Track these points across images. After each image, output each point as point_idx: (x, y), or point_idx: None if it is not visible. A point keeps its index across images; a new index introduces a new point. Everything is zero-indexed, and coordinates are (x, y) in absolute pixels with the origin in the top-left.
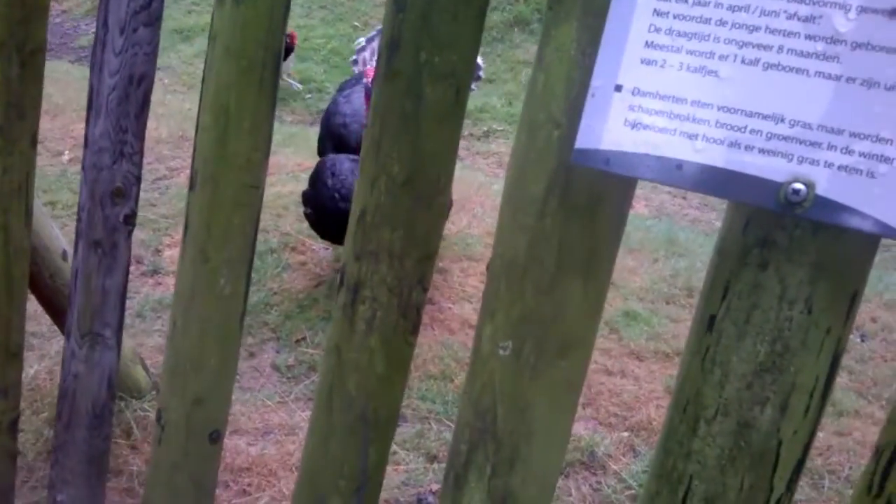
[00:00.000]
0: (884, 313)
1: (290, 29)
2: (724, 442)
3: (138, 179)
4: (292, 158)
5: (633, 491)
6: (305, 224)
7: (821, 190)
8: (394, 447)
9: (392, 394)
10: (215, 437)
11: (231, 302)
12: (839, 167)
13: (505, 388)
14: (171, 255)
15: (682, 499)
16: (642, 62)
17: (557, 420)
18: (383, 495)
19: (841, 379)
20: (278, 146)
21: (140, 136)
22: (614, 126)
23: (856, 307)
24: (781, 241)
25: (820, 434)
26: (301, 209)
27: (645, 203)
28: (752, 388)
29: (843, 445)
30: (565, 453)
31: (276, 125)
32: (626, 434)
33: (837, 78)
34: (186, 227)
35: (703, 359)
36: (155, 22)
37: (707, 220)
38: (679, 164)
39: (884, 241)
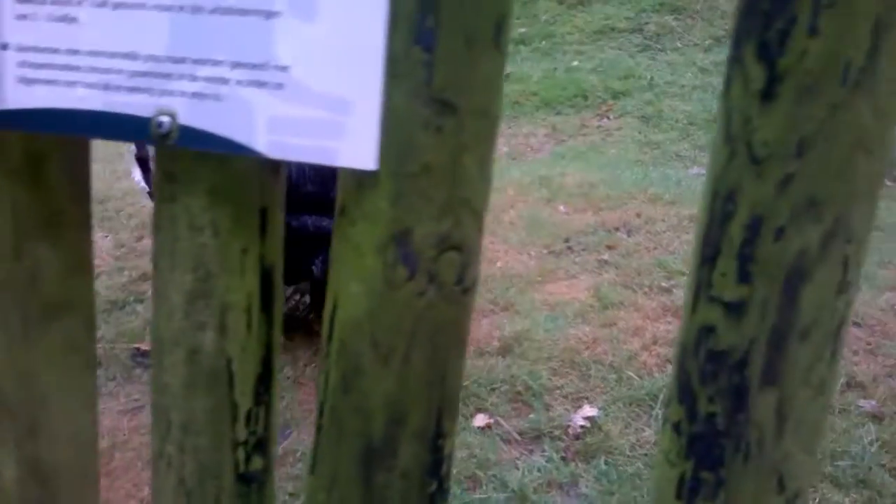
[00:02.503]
0: (647, 207)
1: None
2: (182, 371)
3: None
4: None
5: None
6: None
7: (182, 119)
8: None
9: None
10: None
11: None
12: (192, 95)
13: (2, 361)
14: None
15: (167, 429)
16: (17, 18)
17: (71, 382)
18: None
19: (608, 274)
20: None
21: None
22: (10, 85)
23: (270, 224)
24: (179, 174)
25: (586, 328)
26: None
27: None
28: (190, 316)
29: (608, 336)
30: (97, 411)
31: None
32: None
33: (170, 8)
34: None
35: (186, 301)
36: None
37: None
38: (71, 114)
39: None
